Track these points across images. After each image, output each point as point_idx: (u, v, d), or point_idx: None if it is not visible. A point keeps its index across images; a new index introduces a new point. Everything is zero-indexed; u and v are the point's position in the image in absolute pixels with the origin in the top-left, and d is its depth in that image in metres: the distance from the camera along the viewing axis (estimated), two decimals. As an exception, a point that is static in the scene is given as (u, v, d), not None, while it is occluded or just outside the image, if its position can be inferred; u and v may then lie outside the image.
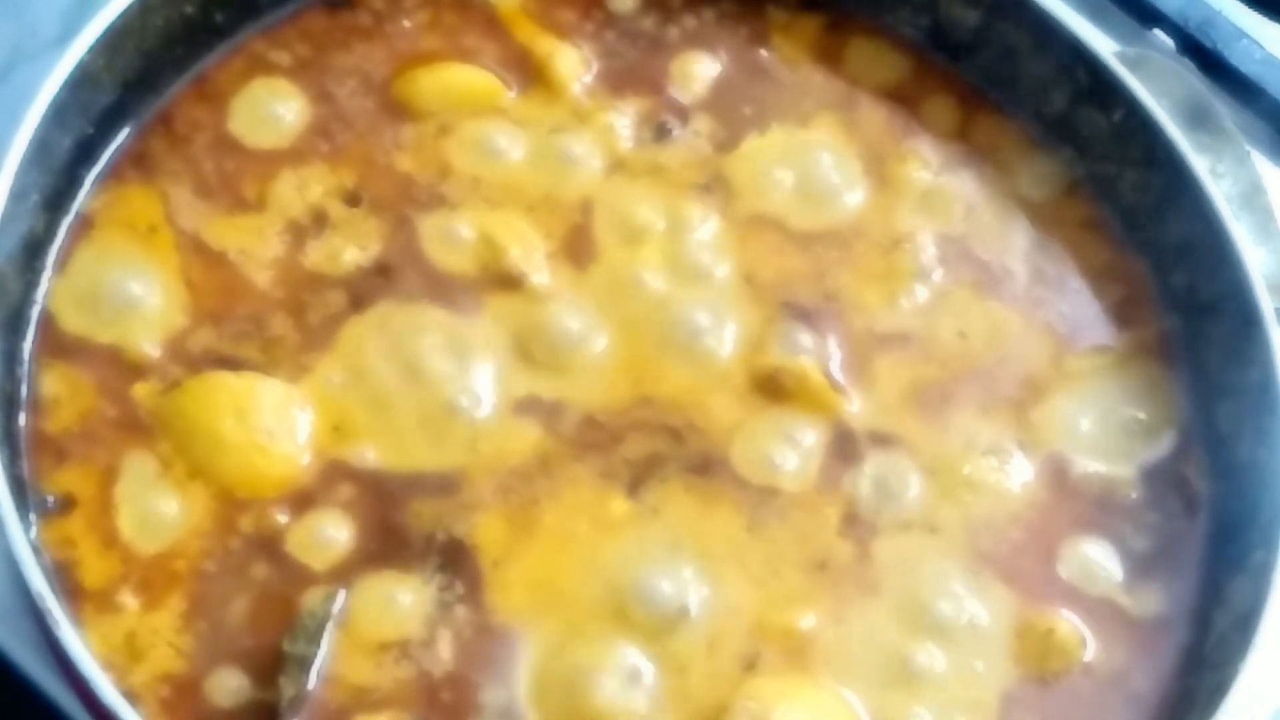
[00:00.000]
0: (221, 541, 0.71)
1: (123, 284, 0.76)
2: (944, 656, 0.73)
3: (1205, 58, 0.98)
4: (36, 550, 0.67)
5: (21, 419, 0.73)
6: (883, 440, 0.78)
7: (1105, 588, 0.76)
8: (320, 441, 0.74)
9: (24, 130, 0.72)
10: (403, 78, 0.83)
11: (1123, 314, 0.83)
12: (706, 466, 0.76)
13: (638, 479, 0.75)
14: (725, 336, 0.79)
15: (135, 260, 0.77)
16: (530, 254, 0.79)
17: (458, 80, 0.84)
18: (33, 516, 0.70)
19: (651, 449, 0.76)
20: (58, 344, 0.75)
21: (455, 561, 0.72)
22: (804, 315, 0.80)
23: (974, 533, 0.76)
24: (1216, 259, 0.80)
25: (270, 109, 0.81)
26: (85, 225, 0.77)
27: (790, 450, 0.77)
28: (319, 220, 0.79)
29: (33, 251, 0.75)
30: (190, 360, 0.75)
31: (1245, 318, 0.78)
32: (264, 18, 0.84)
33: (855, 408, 0.78)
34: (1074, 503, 0.78)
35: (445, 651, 0.70)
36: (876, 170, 0.85)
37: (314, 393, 0.75)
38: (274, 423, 0.73)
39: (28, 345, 0.74)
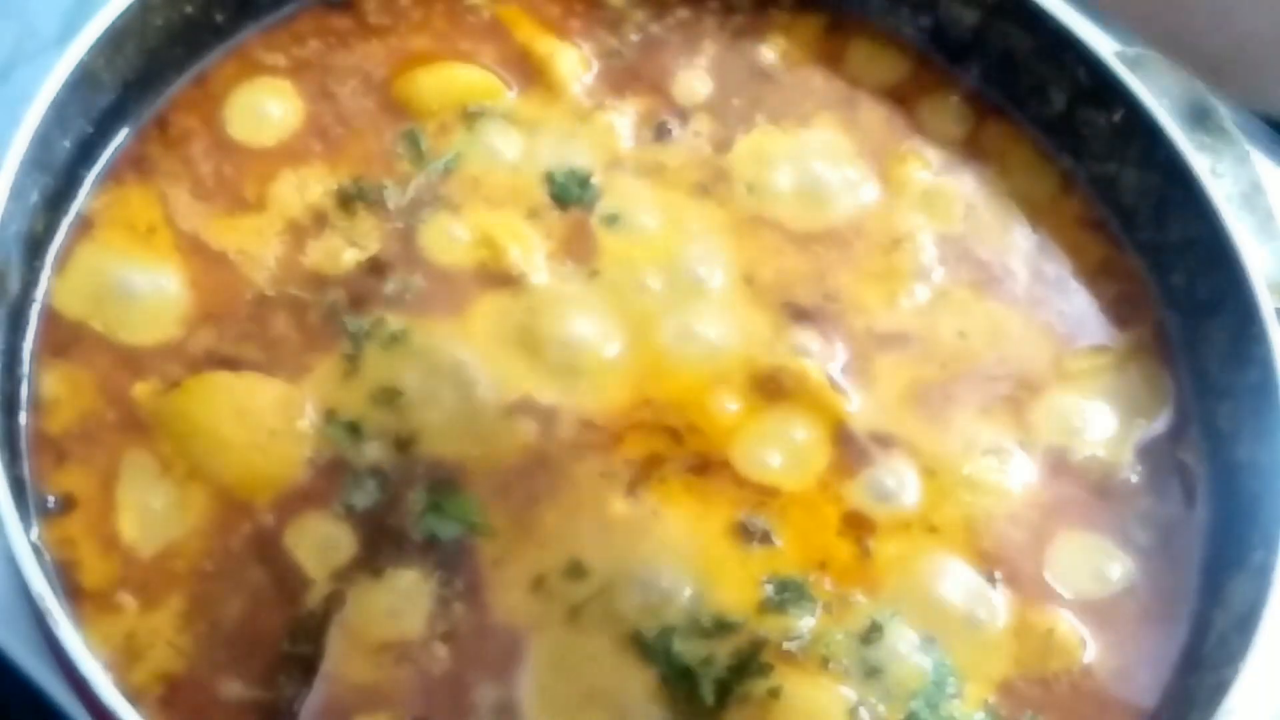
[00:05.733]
0: (221, 542, 0.71)
1: (123, 284, 0.76)
2: (944, 657, 0.73)
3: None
4: (36, 550, 0.67)
5: (22, 419, 0.73)
6: (883, 440, 0.78)
7: (1105, 588, 0.76)
8: (320, 441, 0.74)
9: (24, 130, 0.72)
10: (403, 77, 0.83)
11: (1122, 313, 0.83)
12: (706, 466, 0.76)
13: (637, 479, 0.75)
14: (725, 337, 0.79)
15: (135, 260, 0.77)
16: (529, 254, 0.79)
17: (458, 80, 0.84)
18: (33, 516, 0.70)
19: (651, 449, 0.75)
20: (58, 344, 0.75)
21: (454, 560, 0.72)
22: (804, 315, 0.80)
23: (974, 533, 0.76)
24: (1216, 259, 0.80)
25: (269, 109, 0.81)
26: (85, 225, 0.77)
27: (790, 450, 0.76)
28: (319, 220, 0.79)
29: (33, 251, 0.75)
30: (191, 360, 0.75)
31: (1245, 318, 0.78)
32: (264, 18, 0.84)
33: (855, 408, 0.78)
34: (1073, 503, 0.78)
35: (444, 650, 0.70)
36: (876, 170, 0.85)
37: (314, 392, 0.75)
38: (274, 423, 0.73)
39: (28, 345, 0.74)
